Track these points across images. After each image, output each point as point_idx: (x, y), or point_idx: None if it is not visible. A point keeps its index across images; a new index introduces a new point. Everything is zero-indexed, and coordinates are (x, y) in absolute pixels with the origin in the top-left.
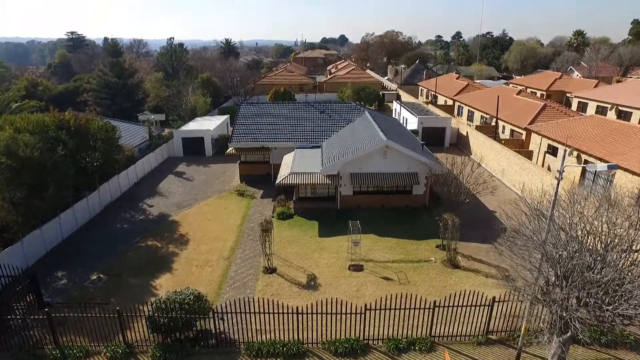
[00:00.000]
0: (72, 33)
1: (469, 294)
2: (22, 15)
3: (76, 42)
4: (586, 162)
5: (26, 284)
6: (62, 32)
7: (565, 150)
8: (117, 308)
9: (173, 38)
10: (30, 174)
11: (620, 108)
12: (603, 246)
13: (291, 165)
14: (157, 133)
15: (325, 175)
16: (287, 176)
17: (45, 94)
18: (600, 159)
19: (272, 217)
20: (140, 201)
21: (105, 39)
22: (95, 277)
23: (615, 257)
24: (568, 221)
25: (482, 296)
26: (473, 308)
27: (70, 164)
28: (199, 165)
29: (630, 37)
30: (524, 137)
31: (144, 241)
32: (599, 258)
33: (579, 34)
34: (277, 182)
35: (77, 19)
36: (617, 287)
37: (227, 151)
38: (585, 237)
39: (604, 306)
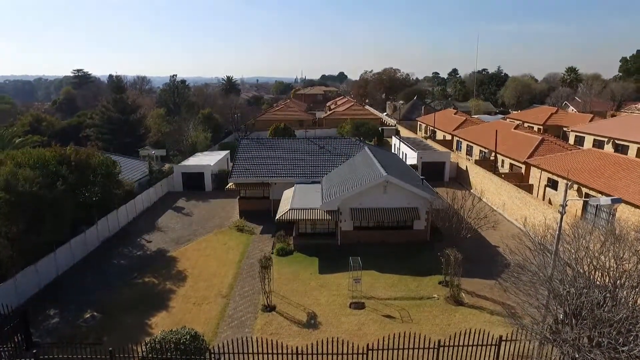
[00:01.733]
0: (78, 71)
1: (475, 332)
2: (30, 54)
3: (82, 79)
4: (587, 195)
5: (15, 323)
6: (68, 70)
7: (566, 184)
8: (110, 348)
9: (176, 75)
10: (28, 209)
11: (617, 141)
12: (612, 282)
13: (291, 201)
14: (157, 168)
15: (325, 211)
16: (287, 212)
17: (48, 129)
18: (601, 192)
19: (272, 253)
20: (139, 236)
21: (110, 76)
22: (88, 315)
23: (626, 294)
24: (574, 256)
25: (488, 335)
26: (479, 348)
27: (69, 199)
28: (198, 200)
29: (620, 74)
30: (523, 170)
31: (140, 278)
32: (608, 295)
33: (572, 70)
34: (276, 217)
35: (84, 57)
36: (631, 327)
37: (227, 186)
38: (593, 273)
39: (618, 347)
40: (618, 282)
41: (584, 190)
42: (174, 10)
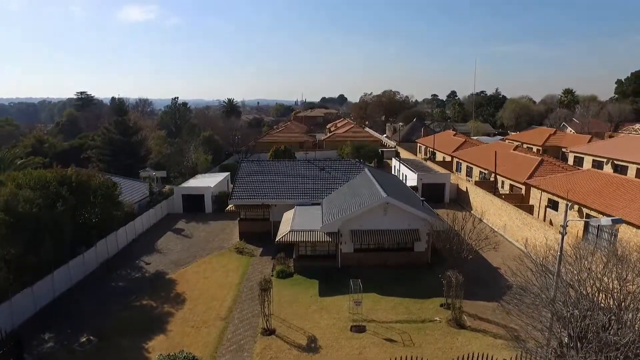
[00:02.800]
0: (81, 93)
1: (478, 356)
2: (35, 77)
3: (85, 102)
4: (588, 216)
5: (9, 347)
6: (72, 92)
7: (566, 205)
8: None
9: (177, 98)
10: (27, 230)
11: (615, 162)
12: (617, 304)
13: (291, 223)
14: (157, 189)
15: (325, 233)
16: (287, 234)
17: (50, 151)
18: (602, 213)
19: (272, 275)
20: (138, 258)
21: (113, 98)
22: (85, 339)
23: (631, 316)
24: (576, 277)
25: (492, 359)
26: None
27: (68, 220)
28: (198, 222)
29: (616, 96)
30: (523, 191)
31: (138, 300)
32: (614, 317)
33: (569, 92)
34: (276, 239)
35: (88, 80)
36: (638, 351)
37: (227, 208)
38: (597, 295)
39: None
40: (623, 304)
41: (585, 210)
42: (177, 34)
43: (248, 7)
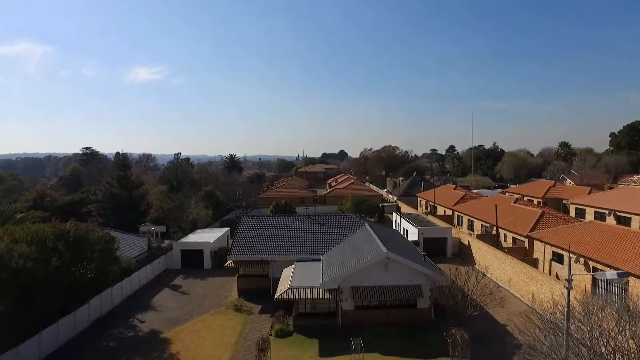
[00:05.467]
0: (86, 149)
1: None
2: (42, 133)
3: (89, 157)
4: (594, 269)
5: None
6: (78, 148)
7: (569, 258)
8: None
9: (180, 153)
10: (19, 286)
11: (618, 213)
12: None
13: (291, 280)
14: (156, 244)
15: (325, 290)
16: (286, 290)
17: (51, 205)
18: (609, 266)
19: (270, 334)
20: (132, 316)
21: (117, 153)
22: None
23: None
24: (588, 335)
25: None
26: None
27: (62, 276)
28: (196, 278)
29: (611, 148)
30: (526, 244)
31: None
32: None
33: (565, 145)
34: (275, 296)
35: (93, 136)
36: None
37: (226, 264)
38: (612, 356)
39: None
40: None
41: (591, 263)
42: (181, 92)
43: (251, 66)
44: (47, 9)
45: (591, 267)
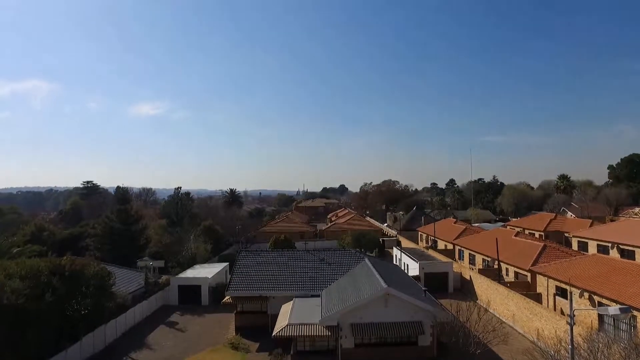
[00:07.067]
0: (87, 182)
1: None
2: (43, 166)
3: (90, 191)
4: (600, 304)
5: None
6: (79, 181)
7: (570, 293)
8: None
9: (180, 188)
10: (8, 323)
11: (621, 247)
12: None
13: (289, 316)
14: (153, 280)
15: (324, 327)
16: (285, 327)
17: (49, 239)
18: (615, 301)
19: None
20: (125, 354)
21: (118, 187)
22: None
23: None
24: None
25: None
26: None
27: (56, 312)
28: (193, 314)
29: (611, 180)
30: (529, 278)
31: None
32: None
33: (564, 178)
34: (273, 333)
35: (94, 170)
36: None
37: (224, 300)
38: None
39: None
40: None
41: (596, 298)
42: (183, 127)
43: (253, 102)
44: (57, 49)
45: (596, 301)
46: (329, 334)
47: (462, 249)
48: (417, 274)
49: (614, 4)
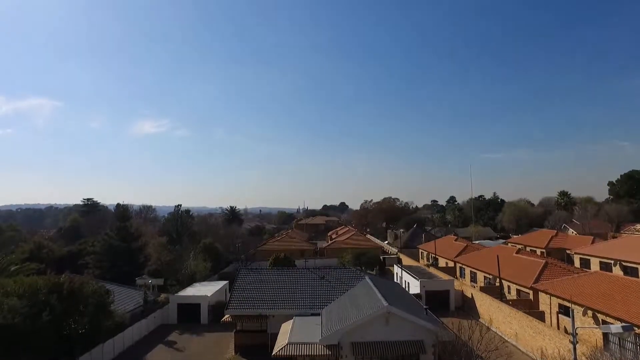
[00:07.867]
0: (87, 200)
1: None
2: (44, 184)
3: (89, 208)
4: (604, 322)
5: None
6: (79, 199)
7: (572, 311)
8: None
9: (180, 205)
10: (4, 342)
11: (624, 264)
12: None
13: (289, 335)
14: (152, 298)
15: (325, 346)
16: (285, 347)
17: (48, 257)
18: (619, 319)
19: None
20: None
21: (118, 204)
22: None
23: None
24: None
25: None
26: None
27: (52, 331)
28: (192, 333)
29: (611, 197)
30: (531, 296)
31: None
32: None
33: (564, 194)
34: (273, 353)
35: (94, 187)
36: None
37: (223, 319)
38: None
39: None
40: None
41: (600, 316)
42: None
43: (252, 121)
44: (60, 68)
45: (600, 320)
46: (330, 353)
47: (463, 266)
48: (418, 291)
49: (612, 19)
